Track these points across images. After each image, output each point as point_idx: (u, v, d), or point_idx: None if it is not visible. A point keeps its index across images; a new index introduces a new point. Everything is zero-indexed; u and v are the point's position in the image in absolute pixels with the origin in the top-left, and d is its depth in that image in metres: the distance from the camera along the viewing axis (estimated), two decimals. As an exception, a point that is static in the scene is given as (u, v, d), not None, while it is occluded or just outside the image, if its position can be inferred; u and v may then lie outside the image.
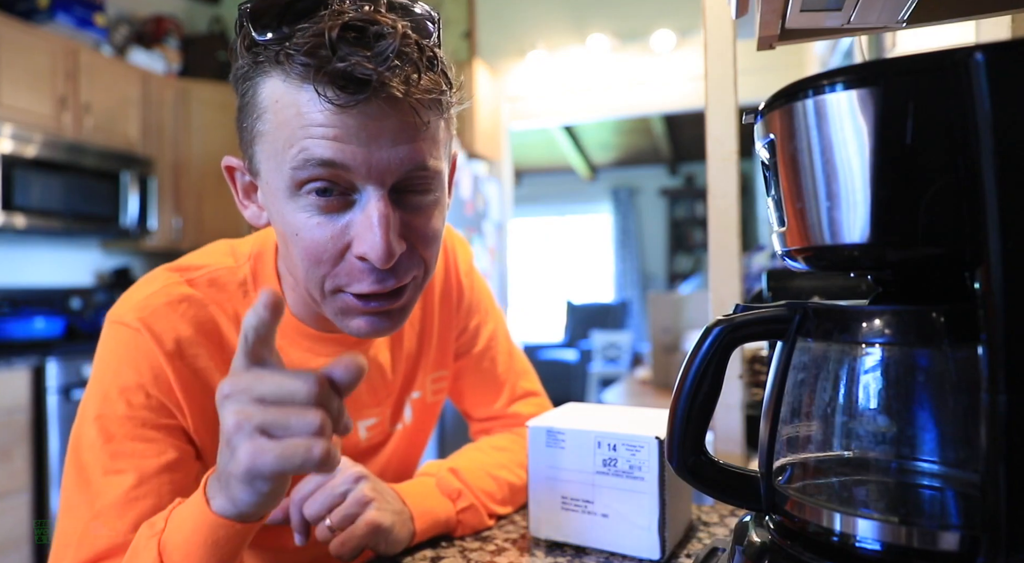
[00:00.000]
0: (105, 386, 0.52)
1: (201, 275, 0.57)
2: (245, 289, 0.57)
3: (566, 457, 0.57)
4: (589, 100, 3.19)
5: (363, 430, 0.64)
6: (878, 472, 0.37)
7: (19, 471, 2.07)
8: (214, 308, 0.56)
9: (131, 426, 0.51)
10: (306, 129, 0.44)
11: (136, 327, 0.52)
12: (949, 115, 0.29)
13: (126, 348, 0.52)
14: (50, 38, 2.41)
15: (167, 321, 0.53)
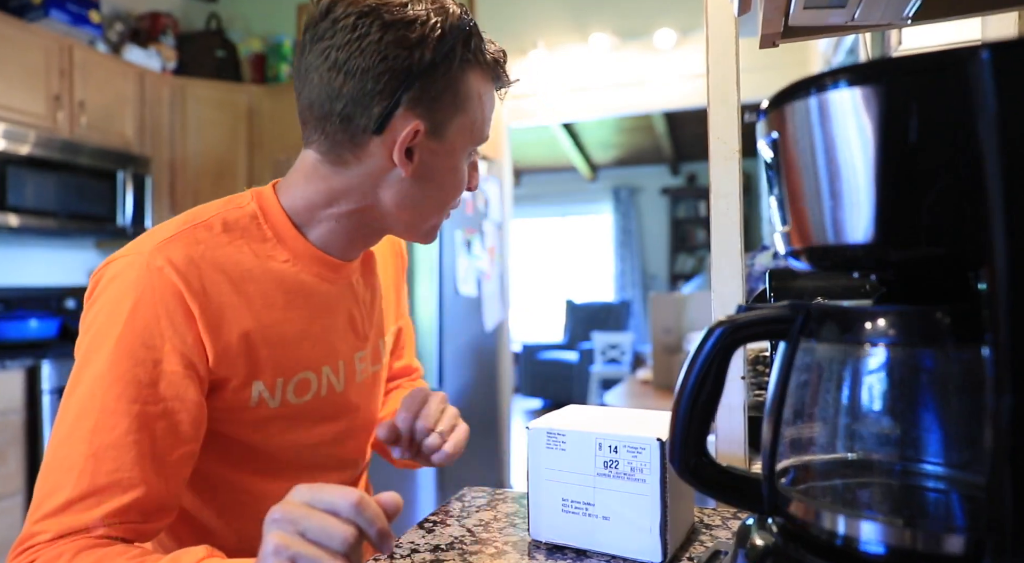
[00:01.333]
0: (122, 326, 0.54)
1: (211, 217, 0.61)
2: (257, 222, 0.63)
3: (566, 459, 0.56)
4: (590, 98, 3.18)
5: (358, 362, 0.71)
6: (882, 474, 0.37)
7: (13, 473, 2.07)
8: (232, 246, 0.60)
9: (142, 370, 0.54)
10: (489, 116, 0.65)
11: (158, 263, 0.55)
12: (954, 114, 0.29)
13: (150, 286, 0.54)
14: (44, 35, 2.40)
15: (189, 258, 0.56)
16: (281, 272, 0.62)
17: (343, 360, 0.69)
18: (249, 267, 0.60)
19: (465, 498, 0.73)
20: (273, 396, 0.63)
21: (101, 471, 0.52)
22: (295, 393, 0.65)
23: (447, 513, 0.68)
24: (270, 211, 0.64)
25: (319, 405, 0.67)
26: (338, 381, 0.68)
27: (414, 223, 0.65)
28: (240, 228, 0.62)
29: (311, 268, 0.65)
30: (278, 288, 0.62)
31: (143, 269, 0.55)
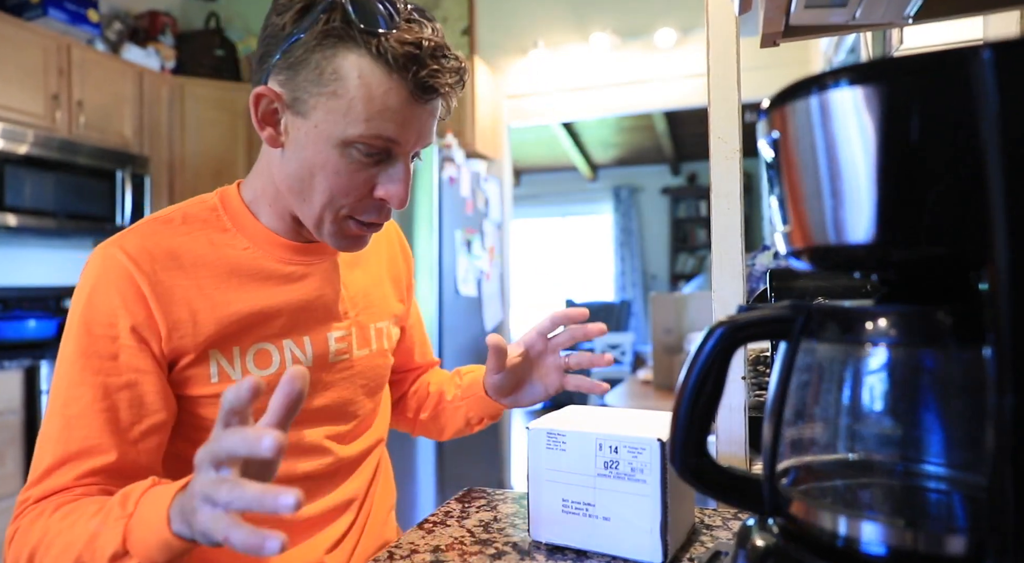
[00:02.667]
0: (82, 307, 0.60)
1: (173, 213, 0.67)
2: (216, 213, 0.68)
3: (566, 459, 0.56)
4: (590, 98, 3.18)
5: (332, 341, 0.72)
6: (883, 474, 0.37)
7: (11, 474, 2.07)
8: (188, 237, 0.65)
9: (101, 344, 0.59)
10: (384, 112, 0.59)
11: (113, 253, 0.61)
12: (955, 113, 0.29)
13: (104, 271, 0.61)
14: (42, 34, 2.40)
15: (142, 246, 0.62)
16: (237, 258, 0.66)
17: (309, 336, 0.70)
18: (203, 254, 0.65)
19: (465, 499, 0.73)
20: (233, 367, 0.65)
21: (73, 438, 0.58)
22: (256, 364, 0.66)
23: (447, 513, 0.68)
24: (230, 203, 0.69)
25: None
26: (304, 356, 0.69)
27: (305, 213, 0.65)
28: (200, 220, 0.67)
29: (272, 253, 0.68)
30: (232, 272, 0.66)
31: (100, 258, 0.61)
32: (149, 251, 0.62)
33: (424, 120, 0.61)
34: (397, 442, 2.49)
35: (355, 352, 0.74)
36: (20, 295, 2.56)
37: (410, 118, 0.60)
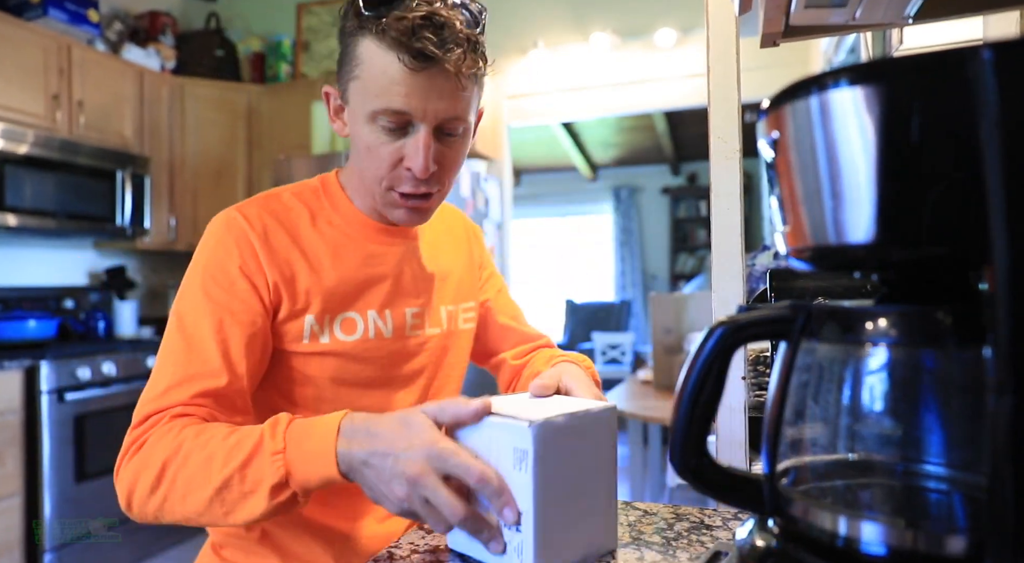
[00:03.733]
0: (207, 255, 0.71)
1: (282, 191, 0.78)
2: (318, 195, 0.78)
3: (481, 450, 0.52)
4: (590, 98, 3.18)
5: (409, 316, 0.79)
6: (883, 475, 0.37)
7: (11, 474, 2.06)
8: (293, 211, 0.75)
9: (222, 285, 0.69)
10: (389, 85, 0.65)
11: (234, 215, 0.72)
12: (955, 113, 0.29)
13: (227, 229, 0.71)
14: (42, 34, 2.40)
15: (258, 213, 0.73)
16: (332, 234, 0.76)
17: (390, 310, 0.77)
18: (304, 227, 0.75)
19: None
20: (323, 330, 0.73)
21: (193, 361, 0.66)
22: (343, 330, 0.74)
23: (447, 513, 0.68)
24: (329, 187, 0.79)
25: (368, 347, 0.75)
26: (385, 327, 0.77)
27: (368, 192, 0.74)
28: (303, 199, 0.77)
29: (361, 231, 0.77)
30: (327, 245, 0.75)
31: (224, 219, 0.72)
32: (261, 217, 0.72)
33: (429, 89, 0.65)
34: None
35: (427, 330, 0.81)
36: (20, 295, 2.56)
37: (413, 88, 0.65)
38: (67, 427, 2.19)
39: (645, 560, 0.54)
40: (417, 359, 0.80)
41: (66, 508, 2.18)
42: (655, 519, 0.63)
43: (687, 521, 0.63)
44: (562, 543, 0.51)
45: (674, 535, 0.59)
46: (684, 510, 0.66)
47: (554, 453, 0.50)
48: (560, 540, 0.50)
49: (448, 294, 0.85)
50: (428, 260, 0.83)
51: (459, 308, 0.87)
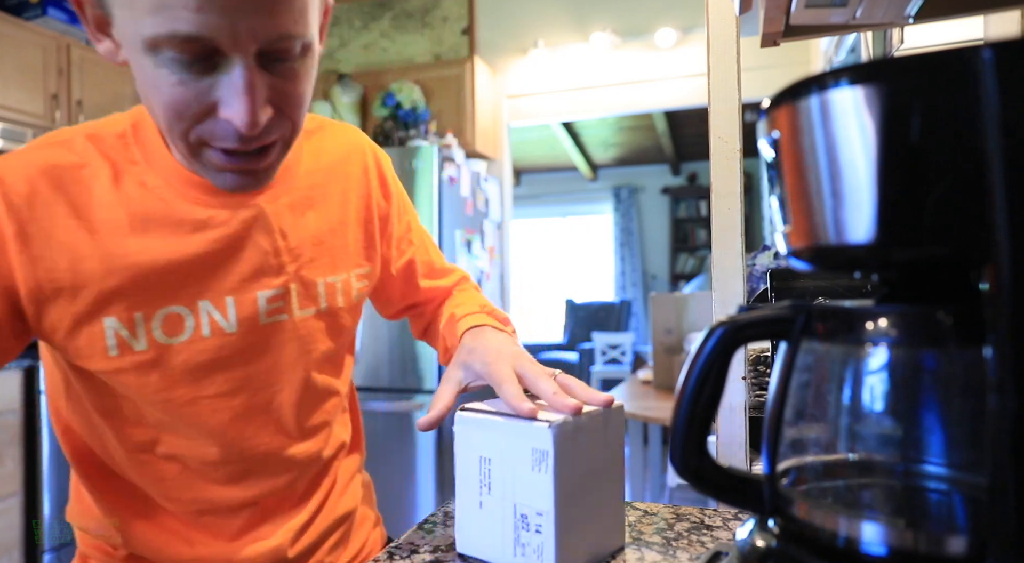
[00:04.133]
0: None
1: (75, 134, 0.55)
2: (125, 141, 0.56)
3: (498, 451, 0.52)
4: (591, 97, 3.18)
5: (263, 301, 0.60)
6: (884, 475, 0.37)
7: (11, 474, 2.06)
8: (86, 168, 0.54)
9: None
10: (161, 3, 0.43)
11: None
12: (956, 113, 0.29)
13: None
14: (42, 34, 2.40)
15: (24, 173, 0.51)
16: (143, 198, 0.55)
17: (233, 297, 0.59)
18: (99, 190, 0.53)
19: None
20: (135, 336, 0.55)
21: None
22: (164, 331, 0.56)
23: (447, 513, 0.68)
24: (143, 131, 0.56)
25: (205, 348, 0.58)
26: (226, 321, 0.58)
27: (176, 149, 0.54)
28: (103, 148, 0.55)
29: (188, 193, 0.56)
30: (135, 216, 0.54)
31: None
32: (31, 181, 0.51)
33: (237, 4, 0.44)
34: (396, 442, 2.49)
35: (296, 312, 0.63)
36: (20, 295, 2.56)
37: (208, 4, 0.43)
38: (67, 427, 2.19)
39: (645, 560, 0.54)
40: (283, 351, 0.62)
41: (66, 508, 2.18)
42: (655, 519, 0.63)
43: (687, 521, 0.63)
44: (579, 542, 0.51)
45: (674, 535, 0.59)
46: (684, 510, 0.66)
47: (571, 452, 0.50)
48: (577, 539, 0.51)
49: (329, 260, 0.65)
50: (296, 220, 0.62)
51: (350, 275, 0.67)
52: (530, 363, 0.56)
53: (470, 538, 0.53)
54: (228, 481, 0.64)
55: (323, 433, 0.70)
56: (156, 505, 0.64)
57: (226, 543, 0.64)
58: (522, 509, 0.50)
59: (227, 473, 0.63)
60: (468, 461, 0.53)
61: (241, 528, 0.65)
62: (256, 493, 0.65)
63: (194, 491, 0.63)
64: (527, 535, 0.50)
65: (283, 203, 0.62)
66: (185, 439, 0.61)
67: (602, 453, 0.53)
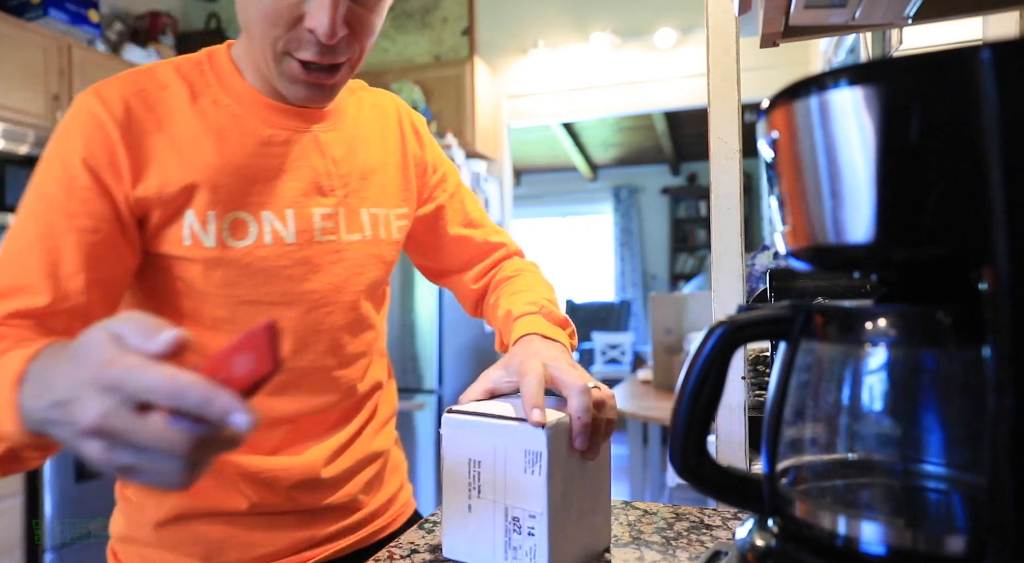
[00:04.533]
0: (48, 150, 0.59)
1: (160, 65, 0.64)
2: (201, 69, 0.65)
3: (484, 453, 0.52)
4: (590, 98, 3.18)
5: (318, 218, 0.67)
6: (883, 475, 0.37)
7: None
8: (169, 89, 0.62)
9: (58, 185, 0.57)
10: None
11: (88, 97, 0.59)
12: (955, 113, 0.29)
13: (75, 116, 0.59)
14: (43, 34, 2.40)
15: (118, 93, 0.60)
16: (216, 114, 0.63)
17: (292, 210, 0.65)
18: (180, 107, 0.62)
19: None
20: (206, 232, 0.61)
21: (6, 274, 0.55)
22: (231, 234, 0.62)
23: (447, 513, 0.68)
24: (216, 59, 0.65)
25: (265, 256, 0.63)
26: (286, 231, 0.64)
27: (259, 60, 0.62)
28: (182, 73, 0.63)
29: (255, 112, 0.64)
30: (209, 128, 0.62)
31: (75, 104, 0.60)
32: (125, 99, 0.59)
33: None
34: (397, 442, 2.49)
35: (344, 235, 0.68)
36: (20, 295, 2.56)
37: None
38: (67, 427, 2.19)
39: (645, 560, 0.54)
40: (334, 271, 0.67)
41: (66, 508, 2.18)
42: (655, 519, 0.63)
43: (687, 521, 0.63)
44: (569, 543, 0.51)
45: (674, 535, 0.59)
46: (684, 510, 0.66)
47: (564, 453, 0.50)
48: (568, 540, 0.50)
49: (372, 195, 0.71)
50: (345, 152, 0.69)
51: (390, 212, 0.73)
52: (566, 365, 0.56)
53: (458, 543, 0.52)
54: (269, 393, 0.66)
55: (361, 363, 0.74)
56: None
57: (263, 457, 0.67)
58: (514, 512, 0.49)
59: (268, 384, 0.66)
60: (456, 464, 0.52)
61: (277, 445, 0.68)
62: (294, 410, 0.68)
63: None
64: (519, 538, 0.49)
65: (334, 136, 0.69)
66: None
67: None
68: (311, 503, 0.70)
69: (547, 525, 0.48)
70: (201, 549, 0.66)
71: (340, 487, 0.72)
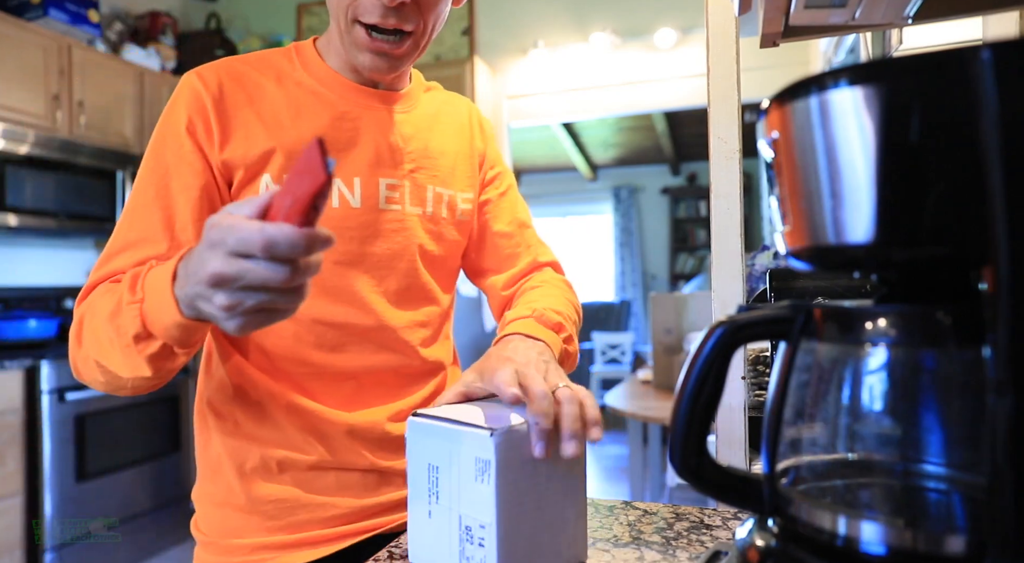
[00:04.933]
0: (161, 119, 0.69)
1: (253, 54, 0.74)
2: (289, 56, 0.74)
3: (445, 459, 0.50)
4: (590, 98, 3.18)
5: (383, 187, 0.73)
6: (883, 475, 0.37)
7: (12, 473, 2.07)
8: (258, 71, 0.71)
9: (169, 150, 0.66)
10: None
11: (190, 75, 0.69)
12: (955, 113, 0.29)
13: (180, 91, 0.69)
14: (43, 34, 2.40)
15: (215, 73, 0.69)
16: (297, 92, 0.71)
17: (360, 178, 0.71)
18: (268, 87, 0.70)
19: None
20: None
21: (133, 229, 0.65)
22: None
23: (447, 513, 0.68)
24: (303, 48, 0.75)
25: (333, 216, 0.70)
26: (352, 197, 0.71)
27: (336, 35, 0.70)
28: (272, 60, 0.73)
29: (334, 90, 0.72)
30: (291, 105, 0.70)
31: (181, 83, 0.69)
32: (219, 76, 0.69)
33: None
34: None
35: (407, 207, 0.74)
36: (21, 295, 2.56)
37: None
38: (67, 427, 2.19)
39: (645, 560, 0.54)
40: (394, 238, 0.73)
41: (67, 508, 2.18)
42: (655, 519, 0.63)
43: (687, 521, 0.63)
44: (527, 556, 0.48)
45: (674, 535, 0.59)
46: (684, 510, 0.66)
47: (518, 462, 0.47)
48: (524, 553, 0.47)
49: (439, 175, 0.77)
50: (415, 132, 0.76)
51: (456, 195, 0.79)
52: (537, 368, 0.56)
53: (421, 548, 0.51)
54: (331, 348, 0.72)
55: (419, 333, 0.77)
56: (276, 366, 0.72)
57: (329, 409, 0.72)
58: (467, 521, 0.47)
59: (331, 338, 0.71)
60: (418, 468, 0.50)
61: (343, 401, 0.73)
62: (354, 367, 0.73)
63: (303, 353, 0.71)
64: (471, 548, 0.47)
65: (406, 117, 0.76)
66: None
67: (559, 464, 0.50)
68: (377, 461, 0.73)
69: (496, 536, 0.45)
70: (273, 508, 0.70)
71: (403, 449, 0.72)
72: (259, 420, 0.71)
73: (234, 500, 0.71)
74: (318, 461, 0.71)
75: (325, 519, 0.71)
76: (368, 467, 0.73)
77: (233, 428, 0.72)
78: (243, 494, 0.70)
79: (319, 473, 0.71)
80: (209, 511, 0.73)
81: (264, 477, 0.70)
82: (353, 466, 0.72)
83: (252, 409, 0.71)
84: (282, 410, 0.71)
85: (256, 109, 0.69)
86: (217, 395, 0.73)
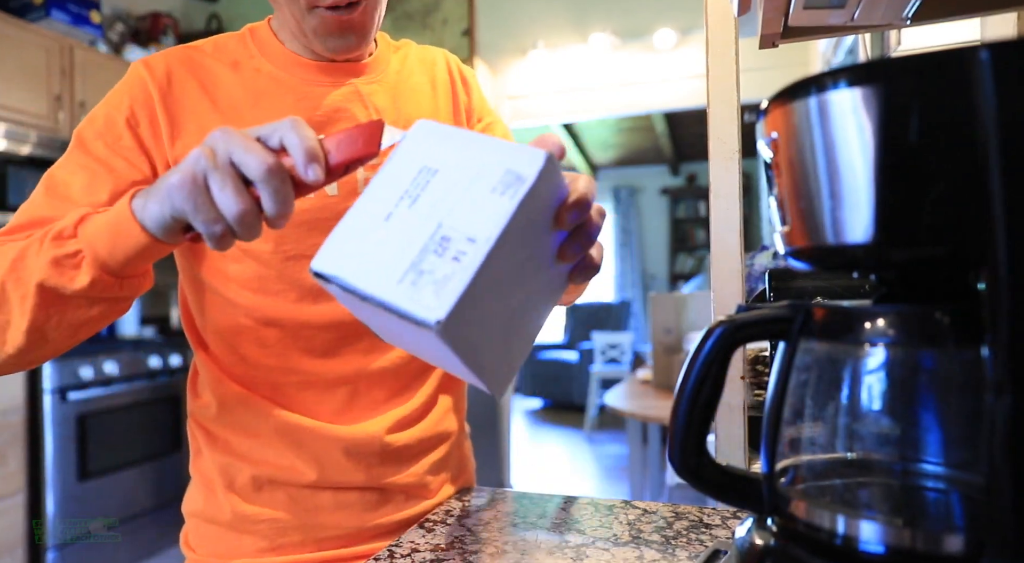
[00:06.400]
0: (99, 109, 0.63)
1: (206, 41, 0.69)
2: (244, 41, 0.69)
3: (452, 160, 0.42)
4: (590, 98, 3.18)
5: (361, 170, 0.67)
6: (882, 474, 0.37)
7: (13, 473, 2.07)
8: (212, 58, 0.67)
9: (104, 144, 0.61)
10: None
11: (137, 63, 0.65)
12: (954, 114, 0.29)
13: (125, 79, 0.64)
14: (45, 35, 2.40)
15: (164, 61, 0.65)
16: (256, 80, 0.67)
17: None
18: (223, 75, 0.66)
19: (465, 498, 0.73)
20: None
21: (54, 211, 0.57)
22: None
23: (447, 513, 0.68)
24: (257, 32, 0.70)
25: (309, 207, 0.64)
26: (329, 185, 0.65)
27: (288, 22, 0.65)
28: (226, 47, 0.68)
29: (295, 73, 0.67)
30: (249, 92, 0.66)
31: (128, 71, 0.65)
32: (168, 66, 0.64)
33: None
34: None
35: None
36: (21, 295, 2.56)
37: None
38: (69, 426, 2.19)
39: (644, 559, 0.54)
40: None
41: (68, 507, 2.18)
42: (654, 518, 0.64)
43: (686, 520, 0.63)
44: (496, 297, 0.40)
45: (673, 534, 0.59)
46: (683, 509, 0.66)
47: (541, 203, 0.41)
48: (496, 292, 0.40)
49: None
50: (389, 102, 0.71)
51: None
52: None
53: (341, 255, 0.40)
54: (322, 353, 0.68)
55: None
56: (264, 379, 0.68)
57: (324, 423, 0.68)
58: (447, 231, 0.39)
59: (322, 342, 0.67)
60: (403, 169, 0.42)
61: (340, 408, 0.69)
62: (348, 371, 0.68)
63: (292, 361, 0.67)
64: (436, 260, 0.38)
65: (376, 87, 0.71)
66: (284, 301, 0.66)
67: (539, 241, 0.43)
68: (377, 478, 0.68)
69: (485, 253, 0.37)
70: (267, 527, 0.66)
71: (405, 463, 0.71)
72: (249, 439, 0.68)
73: (224, 518, 0.68)
74: (313, 480, 0.67)
75: (320, 540, 0.67)
76: (367, 484, 0.68)
77: (223, 445, 0.69)
78: (233, 512, 0.67)
79: (314, 492, 0.67)
80: (199, 526, 0.70)
81: (255, 496, 0.67)
82: (350, 484, 0.68)
83: (240, 429, 0.68)
84: (271, 429, 0.67)
85: (211, 97, 0.65)
86: (204, 414, 0.70)
